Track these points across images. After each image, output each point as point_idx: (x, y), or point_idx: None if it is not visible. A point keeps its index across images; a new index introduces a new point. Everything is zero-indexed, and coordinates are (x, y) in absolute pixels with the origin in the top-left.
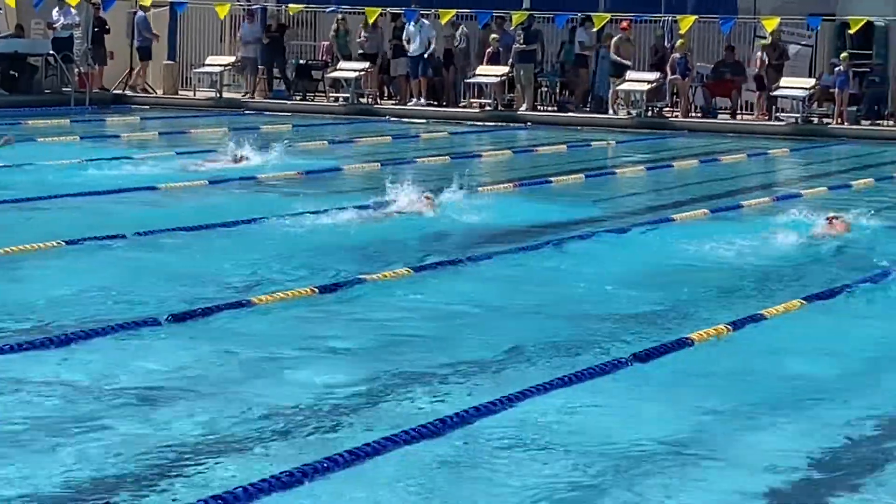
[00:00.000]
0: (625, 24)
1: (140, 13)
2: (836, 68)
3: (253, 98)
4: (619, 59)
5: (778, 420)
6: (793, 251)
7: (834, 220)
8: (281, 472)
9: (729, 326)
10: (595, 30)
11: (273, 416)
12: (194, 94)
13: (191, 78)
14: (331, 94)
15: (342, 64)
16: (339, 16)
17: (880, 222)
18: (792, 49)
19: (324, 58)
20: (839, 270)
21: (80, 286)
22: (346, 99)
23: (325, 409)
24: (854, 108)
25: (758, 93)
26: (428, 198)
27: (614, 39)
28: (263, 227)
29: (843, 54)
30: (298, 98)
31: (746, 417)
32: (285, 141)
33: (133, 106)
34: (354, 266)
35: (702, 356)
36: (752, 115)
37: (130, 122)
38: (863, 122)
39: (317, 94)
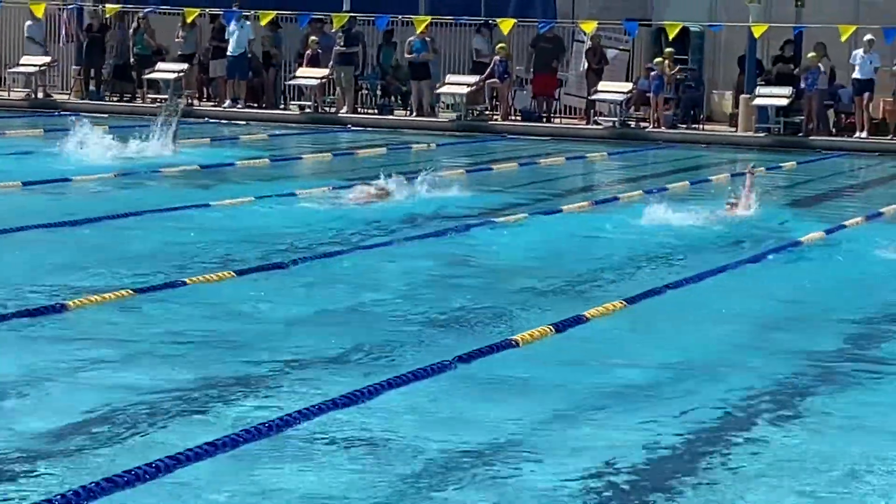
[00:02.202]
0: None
1: None
2: (653, 73)
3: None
4: (411, 57)
5: (599, 420)
6: (613, 252)
7: (733, 205)
8: (97, 481)
9: (551, 328)
10: (425, 36)
11: (88, 422)
12: (9, 95)
13: (5, 77)
14: (148, 96)
15: (160, 65)
16: (140, 14)
17: (699, 226)
18: (610, 53)
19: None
20: (658, 271)
21: None
22: (163, 100)
23: (143, 415)
24: (670, 113)
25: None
26: (381, 188)
27: (409, 40)
28: (77, 230)
29: (658, 59)
30: (115, 99)
31: (568, 418)
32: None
33: None
34: (175, 268)
35: (525, 358)
36: (572, 118)
37: None
38: (679, 125)
39: (134, 94)
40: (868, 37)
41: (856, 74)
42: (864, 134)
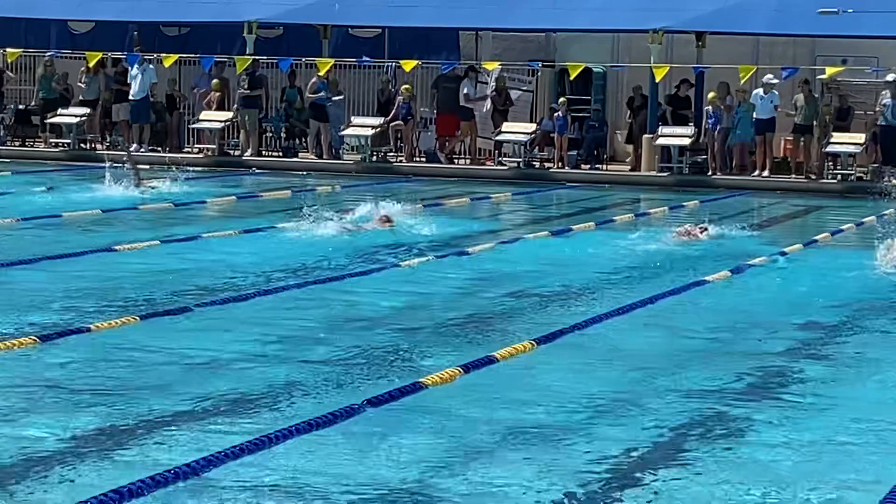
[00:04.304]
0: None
1: None
2: (556, 113)
3: None
4: (315, 97)
5: (508, 463)
6: (521, 291)
7: (694, 229)
8: None
9: (461, 369)
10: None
11: None
12: None
13: None
14: (51, 140)
15: (62, 109)
16: (46, 60)
17: (604, 265)
18: (513, 94)
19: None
20: (566, 309)
21: None
22: (67, 144)
23: (45, 464)
24: (574, 153)
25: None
26: (385, 219)
27: (312, 80)
28: None
29: (562, 99)
30: (17, 144)
31: (477, 461)
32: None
33: None
34: (78, 314)
35: (435, 400)
36: (479, 159)
37: None
38: (583, 166)
39: (36, 139)
40: (767, 77)
41: (756, 114)
42: (766, 172)
